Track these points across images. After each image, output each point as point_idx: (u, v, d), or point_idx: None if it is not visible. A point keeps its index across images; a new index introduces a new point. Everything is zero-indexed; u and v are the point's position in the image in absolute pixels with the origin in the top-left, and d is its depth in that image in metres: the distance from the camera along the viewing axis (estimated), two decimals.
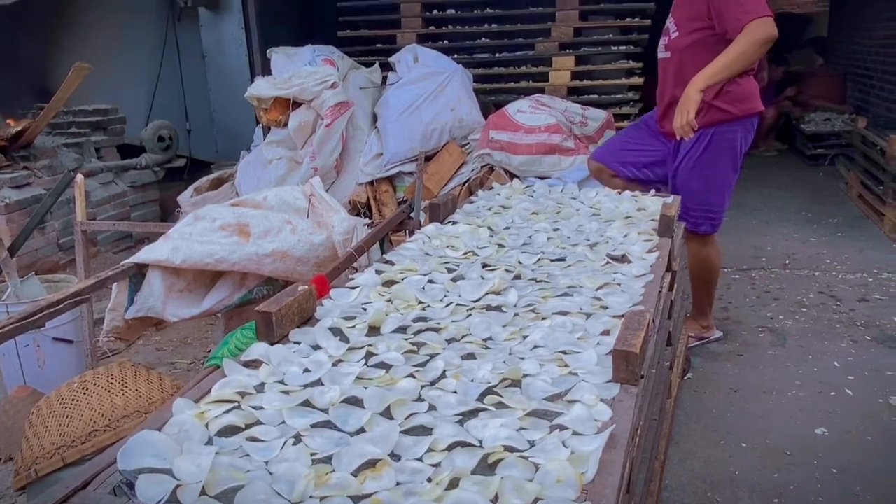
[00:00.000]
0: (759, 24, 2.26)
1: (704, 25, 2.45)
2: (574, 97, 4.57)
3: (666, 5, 2.85)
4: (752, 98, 2.52)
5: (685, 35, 2.52)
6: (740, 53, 2.30)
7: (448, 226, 2.07)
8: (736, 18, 2.30)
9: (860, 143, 4.88)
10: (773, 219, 4.66)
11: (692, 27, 2.49)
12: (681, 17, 2.55)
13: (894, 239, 4.03)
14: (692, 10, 2.48)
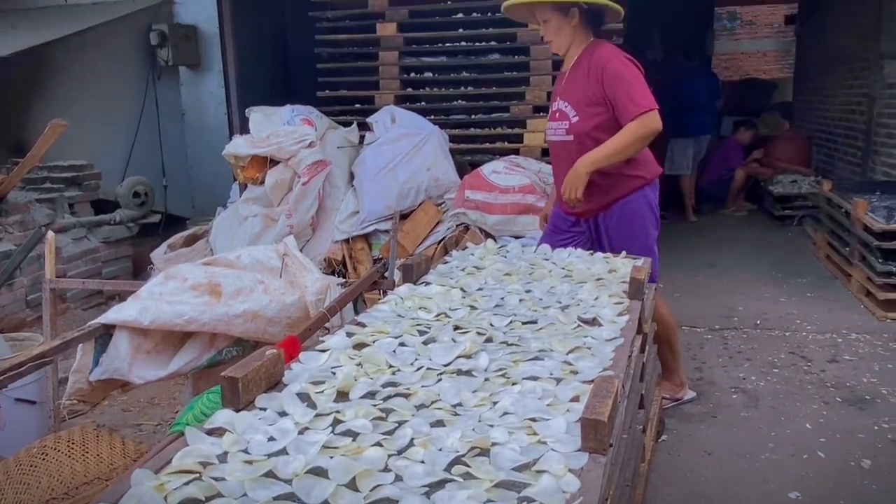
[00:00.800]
0: (645, 118, 2.42)
1: (604, 110, 2.55)
2: (548, 158, 4.66)
3: None
4: (652, 161, 2.71)
5: (586, 119, 2.59)
6: (626, 145, 2.47)
7: (421, 286, 2.07)
8: (626, 110, 2.44)
9: (826, 205, 5.02)
10: (744, 279, 4.74)
11: (593, 112, 2.57)
12: (578, 101, 2.62)
13: (861, 299, 4.11)
14: (588, 95, 2.57)
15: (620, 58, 2.54)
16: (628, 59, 2.55)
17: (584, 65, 2.60)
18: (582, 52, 2.63)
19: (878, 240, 3.88)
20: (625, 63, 2.53)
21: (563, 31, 2.60)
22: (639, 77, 2.52)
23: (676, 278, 4.79)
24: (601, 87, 2.52)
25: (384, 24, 4.85)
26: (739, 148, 7.16)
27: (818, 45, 8.10)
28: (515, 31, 4.66)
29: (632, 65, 2.54)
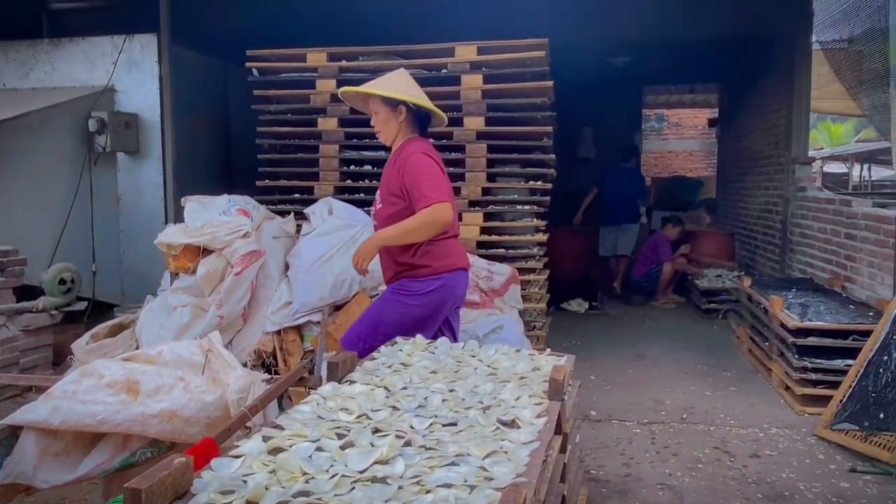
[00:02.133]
0: (432, 209, 2.69)
1: (401, 200, 2.84)
2: (483, 250, 4.79)
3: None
4: (451, 255, 2.92)
5: (387, 207, 2.91)
6: (411, 229, 2.75)
7: (346, 385, 2.07)
8: (418, 200, 2.72)
9: (746, 300, 5.26)
10: (672, 371, 4.86)
11: (392, 201, 2.88)
12: (385, 191, 2.94)
13: (781, 394, 4.26)
14: (391, 186, 2.88)
15: (420, 153, 2.80)
16: (428, 154, 2.83)
17: (395, 158, 2.91)
18: (400, 146, 2.93)
19: (793, 336, 4.07)
20: (423, 158, 2.79)
21: (390, 124, 2.92)
22: (434, 171, 2.78)
23: (607, 370, 4.89)
24: (402, 179, 2.79)
25: (326, 119, 5.00)
26: (668, 243, 7.49)
27: (737, 147, 8.69)
28: (451, 130, 4.86)
29: (430, 160, 2.81)
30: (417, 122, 2.96)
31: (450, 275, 2.90)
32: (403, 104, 2.87)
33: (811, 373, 3.97)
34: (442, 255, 2.88)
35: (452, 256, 2.93)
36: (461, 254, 3.01)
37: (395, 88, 2.87)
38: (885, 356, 3.56)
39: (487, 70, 4.83)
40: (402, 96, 2.85)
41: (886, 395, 3.42)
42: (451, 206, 2.75)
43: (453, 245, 2.96)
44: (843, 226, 5.23)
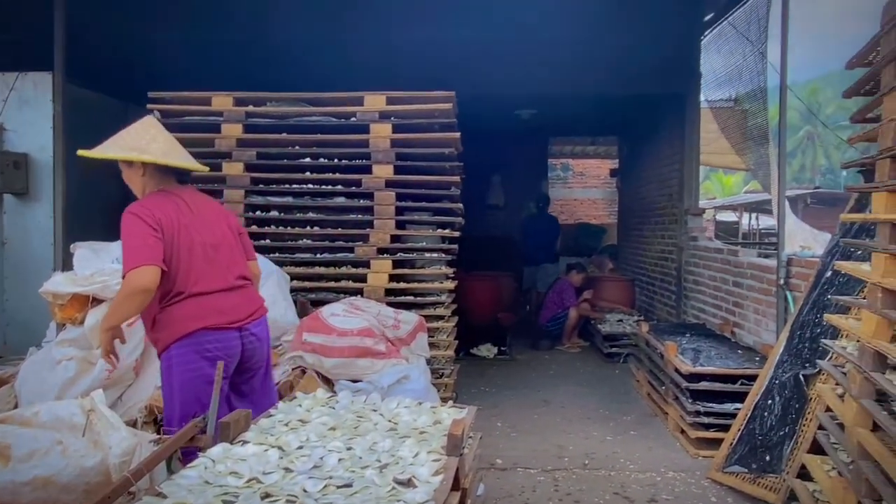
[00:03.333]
0: (128, 278, 2.48)
1: None
2: (392, 298, 4.78)
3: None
4: (184, 320, 2.63)
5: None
6: (117, 305, 2.56)
7: (238, 446, 1.99)
8: (123, 271, 2.54)
9: (644, 345, 5.46)
10: (575, 416, 4.96)
11: None
12: None
13: (677, 437, 4.41)
14: None
15: (128, 213, 2.59)
16: (135, 214, 2.58)
17: None
18: None
19: (686, 381, 4.25)
20: (129, 219, 2.57)
21: (132, 181, 2.79)
22: (135, 232, 2.54)
23: (514, 416, 4.93)
24: None
25: (231, 164, 4.90)
26: (572, 289, 7.71)
27: (636, 197, 9.12)
28: (360, 178, 4.88)
29: (137, 219, 2.56)
30: (172, 171, 2.78)
31: (187, 340, 2.61)
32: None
33: (704, 416, 4.14)
34: (172, 321, 2.63)
35: (186, 320, 2.62)
36: (206, 312, 2.66)
37: (124, 145, 2.69)
38: (770, 400, 3.76)
39: (396, 120, 4.90)
40: (116, 155, 2.68)
41: (771, 437, 3.61)
42: (148, 270, 2.46)
43: (190, 307, 2.64)
44: (731, 274, 5.55)
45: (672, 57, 6.75)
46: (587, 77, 6.82)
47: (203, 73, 5.60)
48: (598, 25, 6.44)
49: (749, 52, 6.02)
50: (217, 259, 2.75)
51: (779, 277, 4.63)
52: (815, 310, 3.75)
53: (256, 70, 6.19)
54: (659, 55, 6.64)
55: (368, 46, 6.55)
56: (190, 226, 2.69)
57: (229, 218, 2.97)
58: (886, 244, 2.23)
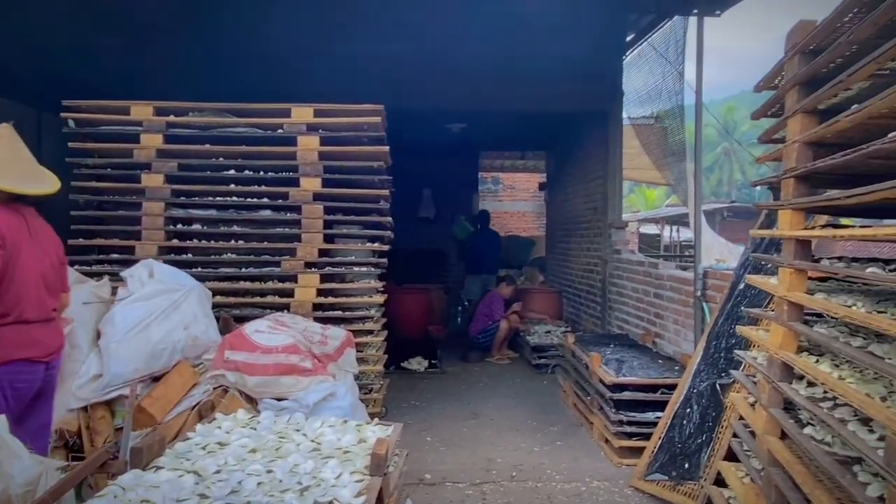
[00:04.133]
0: None
1: None
2: (320, 313, 4.71)
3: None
4: (3, 348, 2.58)
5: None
6: None
7: (150, 472, 1.91)
8: None
9: (571, 356, 5.56)
10: (504, 428, 5.00)
11: None
12: None
13: (602, 446, 4.51)
14: None
15: None
16: None
17: None
18: None
19: (610, 391, 4.35)
20: None
21: None
22: None
23: (443, 430, 4.93)
24: None
25: (150, 175, 4.73)
26: (501, 301, 7.79)
27: (563, 210, 9.32)
28: (287, 191, 4.79)
29: None
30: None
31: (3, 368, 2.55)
32: None
33: (626, 426, 4.24)
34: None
35: (7, 348, 2.56)
36: (26, 343, 2.62)
37: None
38: (688, 409, 3.89)
39: (324, 132, 4.85)
40: None
41: (690, 445, 3.73)
42: None
43: (12, 333, 2.58)
44: (652, 286, 5.73)
45: (596, 76, 6.96)
46: (515, 94, 6.94)
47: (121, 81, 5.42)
48: (525, 44, 6.57)
49: (668, 72, 6.27)
50: (44, 287, 2.72)
51: (696, 289, 4.81)
52: (729, 321, 3.91)
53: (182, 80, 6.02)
54: (584, 74, 6.83)
55: (296, 58, 6.49)
56: (29, 249, 2.65)
57: (59, 247, 2.95)
58: (791, 259, 2.35)
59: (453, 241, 11.00)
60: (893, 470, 1.51)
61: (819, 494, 1.93)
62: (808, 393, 2.17)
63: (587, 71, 6.86)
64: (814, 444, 2.02)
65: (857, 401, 1.75)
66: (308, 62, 6.47)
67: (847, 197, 1.92)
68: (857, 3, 1.88)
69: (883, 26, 1.77)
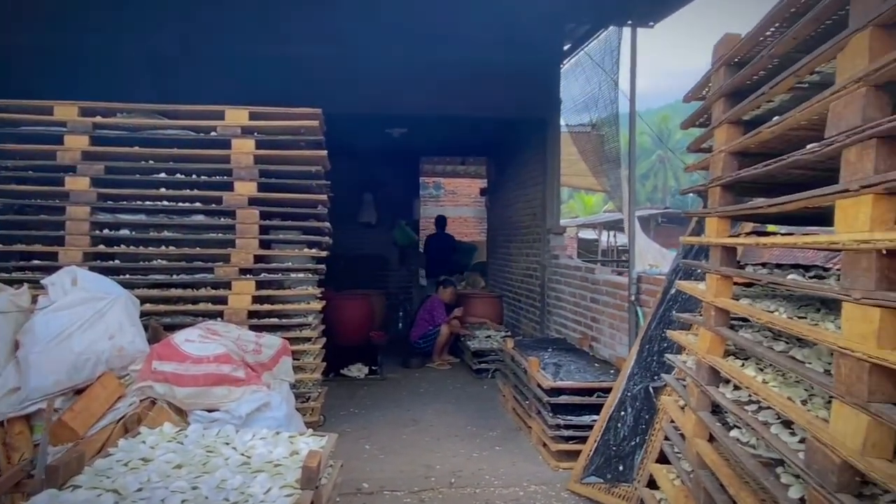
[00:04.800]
0: None
1: None
2: (256, 320, 4.59)
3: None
4: None
5: None
6: None
7: (66, 492, 1.81)
8: None
9: (510, 361, 5.60)
10: (444, 434, 4.99)
11: None
12: None
13: (540, 450, 4.54)
14: None
15: None
16: None
17: None
18: None
19: (548, 395, 4.39)
20: None
21: None
22: None
23: (383, 437, 4.88)
24: None
25: (75, 178, 4.53)
26: (442, 305, 7.79)
27: (503, 216, 9.40)
28: (221, 195, 4.67)
29: None
30: None
31: None
32: None
33: (564, 429, 4.29)
34: None
35: None
36: None
37: None
38: (623, 412, 3.96)
39: (260, 135, 4.74)
40: None
41: (624, 447, 3.80)
42: None
43: None
44: (589, 290, 5.83)
45: (535, 83, 7.04)
46: (456, 100, 6.97)
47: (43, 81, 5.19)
48: (466, 51, 6.61)
49: (604, 81, 6.39)
50: None
51: (630, 294, 4.91)
52: (661, 325, 4.00)
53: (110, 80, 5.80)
54: (523, 81, 6.92)
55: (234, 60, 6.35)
56: None
57: None
58: (718, 266, 2.41)
59: (394, 246, 10.95)
60: (813, 472, 1.56)
61: (745, 496, 1.98)
62: (735, 396, 2.23)
63: (526, 78, 6.94)
64: (739, 446, 2.07)
65: (778, 404, 1.81)
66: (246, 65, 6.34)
67: (769, 206, 1.99)
68: (777, 18, 1.94)
69: (801, 41, 1.83)
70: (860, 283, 1.43)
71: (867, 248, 1.40)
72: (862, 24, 1.44)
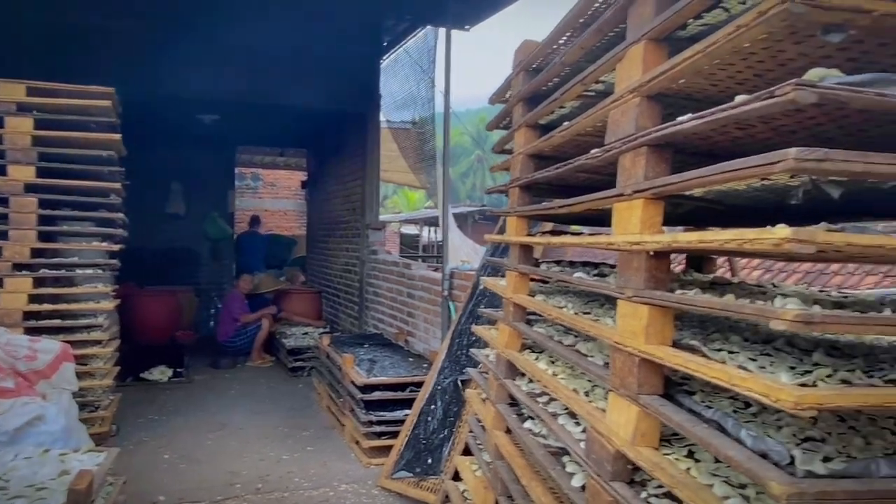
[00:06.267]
0: None
1: None
2: (33, 322, 4.08)
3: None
4: None
5: None
6: None
7: None
8: None
9: (325, 358, 5.49)
10: (253, 437, 4.77)
11: None
12: None
13: (353, 448, 4.50)
14: None
15: None
16: None
17: None
18: None
19: (361, 392, 4.35)
20: None
21: None
22: None
23: (184, 445, 4.57)
24: None
25: None
26: (239, 298, 7.46)
27: (323, 210, 9.23)
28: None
29: None
30: None
31: None
32: None
33: (376, 425, 4.28)
34: None
35: None
36: None
37: None
38: (433, 405, 4.02)
39: (41, 114, 4.21)
40: None
41: (434, 441, 3.86)
42: None
43: None
44: (406, 286, 5.88)
45: (355, 77, 6.97)
46: (275, 89, 6.71)
47: None
48: (286, 37, 6.36)
49: (422, 80, 6.48)
50: None
51: (443, 289, 5.01)
52: (470, 319, 4.11)
53: None
54: (343, 74, 6.81)
55: (27, 28, 5.60)
56: None
57: None
58: (516, 263, 2.50)
59: (206, 239, 10.32)
60: (591, 461, 1.64)
61: (535, 486, 2.07)
62: (529, 389, 2.32)
63: (346, 71, 6.85)
64: (531, 437, 2.16)
65: (564, 396, 1.90)
66: (38, 35, 5.62)
67: (560, 207, 2.08)
68: (568, 27, 2.03)
69: (588, 50, 1.93)
70: (632, 283, 1.52)
71: (638, 249, 1.49)
72: (637, 37, 1.54)
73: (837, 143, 1.31)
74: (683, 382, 1.56)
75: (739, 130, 1.36)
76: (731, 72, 1.34)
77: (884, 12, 0.98)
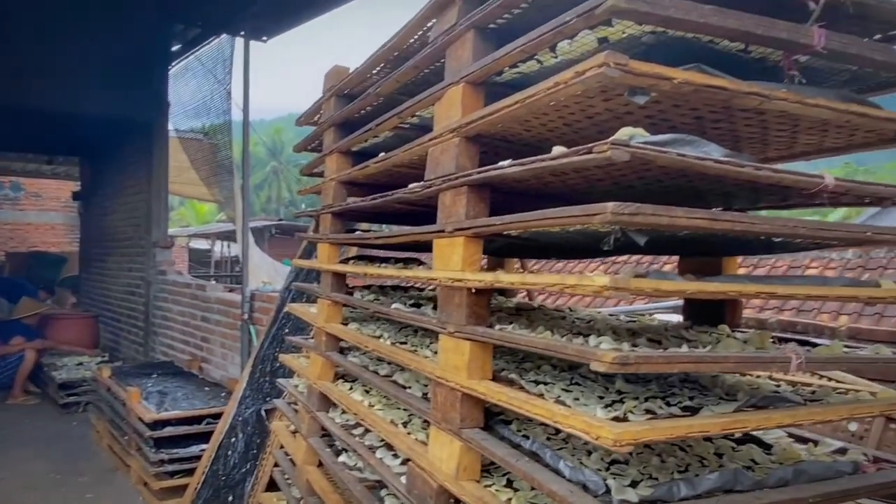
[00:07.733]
0: None
1: None
2: None
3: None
4: None
5: None
6: None
7: None
8: None
9: (105, 392, 4.95)
10: (16, 488, 4.16)
11: None
12: None
13: (141, 490, 4.09)
14: None
15: None
16: None
17: None
18: None
19: (150, 429, 3.98)
20: None
21: None
22: None
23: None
24: None
25: None
26: (24, 328, 6.56)
27: (101, 225, 8.37)
28: None
29: None
30: None
31: None
32: None
33: (168, 464, 3.94)
34: None
35: None
36: None
37: None
38: (234, 437, 3.79)
39: None
40: None
41: (234, 476, 3.63)
42: None
43: None
44: (200, 308, 5.51)
45: (139, 82, 6.44)
46: (41, 89, 5.95)
47: None
48: (57, 36, 5.67)
49: (216, 89, 6.15)
50: None
51: (243, 312, 4.77)
52: (274, 344, 3.95)
53: None
54: (125, 78, 6.26)
55: None
56: None
57: None
58: (329, 291, 2.44)
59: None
60: (414, 497, 1.64)
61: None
62: (343, 420, 2.26)
63: (129, 75, 6.29)
64: (346, 471, 2.11)
65: (382, 429, 1.88)
66: None
67: (376, 238, 2.07)
68: (383, 59, 2.03)
69: (404, 84, 1.95)
70: (454, 318, 1.55)
71: (460, 286, 1.52)
72: (456, 79, 1.58)
73: (638, 190, 1.45)
74: (500, 412, 1.61)
75: (554, 177, 1.44)
76: (545, 120, 1.42)
77: (681, 80, 1.10)
